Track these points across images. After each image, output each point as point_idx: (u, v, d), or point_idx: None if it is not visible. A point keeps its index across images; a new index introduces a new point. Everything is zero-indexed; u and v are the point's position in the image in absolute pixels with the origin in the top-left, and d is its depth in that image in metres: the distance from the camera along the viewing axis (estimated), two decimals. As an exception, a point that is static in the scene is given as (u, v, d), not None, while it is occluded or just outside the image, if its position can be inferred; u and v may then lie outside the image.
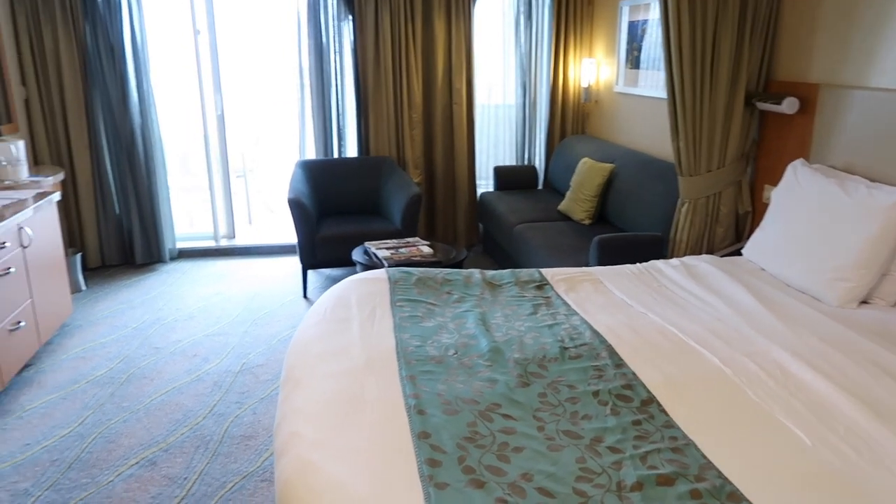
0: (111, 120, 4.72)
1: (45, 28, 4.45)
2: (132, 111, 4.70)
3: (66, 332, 3.82)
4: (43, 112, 4.60)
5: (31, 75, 4.51)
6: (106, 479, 2.52)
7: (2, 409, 3.01)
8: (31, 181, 4.00)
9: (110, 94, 4.65)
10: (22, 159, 3.99)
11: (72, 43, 4.52)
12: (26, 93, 4.55)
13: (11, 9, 4.39)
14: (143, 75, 4.68)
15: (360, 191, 4.87)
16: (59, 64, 4.53)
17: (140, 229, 4.92)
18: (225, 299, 4.35)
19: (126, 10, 4.54)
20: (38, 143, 4.64)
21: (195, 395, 3.13)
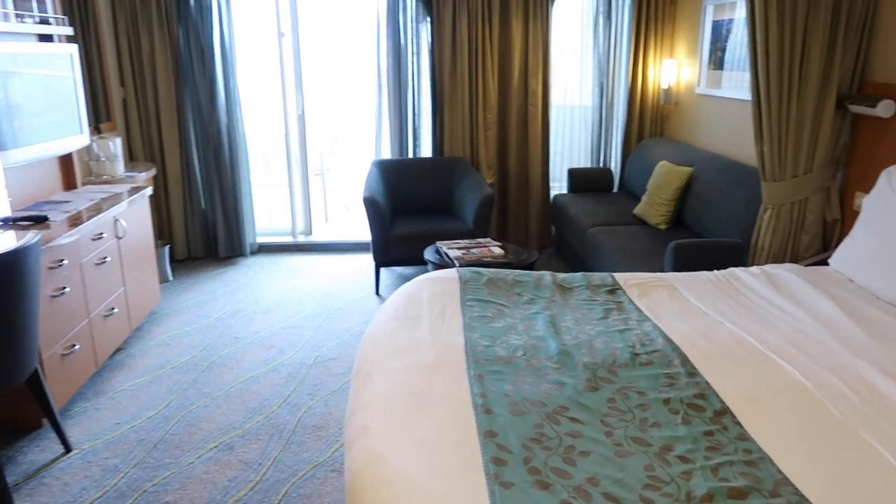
0: (200, 119, 4.95)
1: (142, 32, 4.72)
2: (219, 111, 4.91)
3: (154, 320, 4.04)
4: (138, 111, 4.87)
5: (129, 76, 4.79)
6: (187, 461, 2.65)
7: (95, 389, 3.21)
8: (126, 176, 4.24)
9: (199, 94, 4.88)
10: (119, 155, 4.24)
11: (166, 46, 4.77)
12: (124, 93, 4.83)
13: (113, 15, 4.67)
14: (230, 76, 4.89)
15: (434, 191, 4.92)
16: (154, 66, 4.79)
17: (224, 224, 5.13)
18: (301, 294, 4.49)
19: (216, 14, 4.75)
20: (133, 141, 4.92)
21: (271, 385, 3.24)
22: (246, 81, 5.08)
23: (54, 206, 3.37)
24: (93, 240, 3.21)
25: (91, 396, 3.14)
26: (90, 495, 2.44)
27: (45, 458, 2.67)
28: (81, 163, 4.06)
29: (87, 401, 3.10)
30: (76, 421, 2.93)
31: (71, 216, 3.19)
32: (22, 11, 3.32)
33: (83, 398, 3.12)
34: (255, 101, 5.48)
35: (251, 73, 5.33)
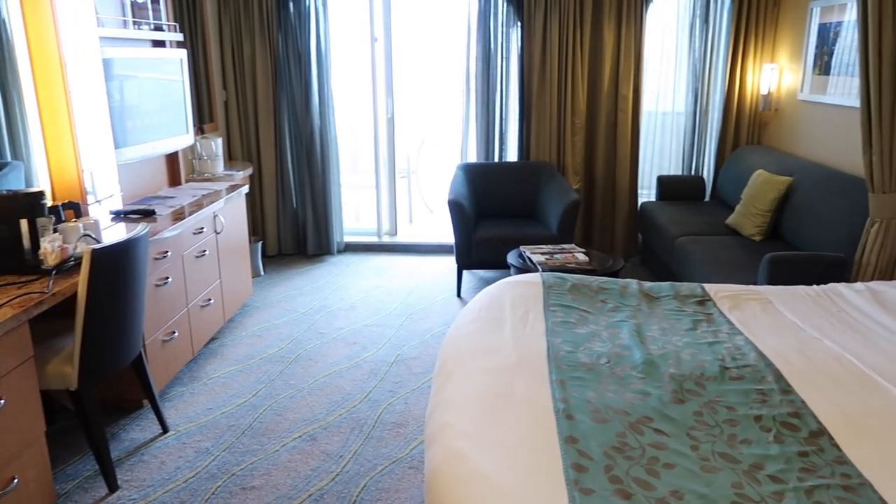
0: (294, 121, 5.14)
1: (245, 38, 4.95)
2: (313, 113, 5.09)
3: (246, 312, 4.22)
4: (238, 113, 5.12)
5: (231, 80, 5.04)
6: (273, 448, 2.76)
7: (191, 375, 3.39)
8: (225, 174, 4.46)
9: (295, 97, 5.07)
10: (219, 155, 4.47)
11: (266, 51, 4.98)
12: (226, 95, 5.08)
13: (219, 22, 4.92)
14: (324, 80, 5.05)
15: (519, 195, 4.91)
16: (255, 70, 5.01)
17: (313, 222, 5.31)
18: (384, 293, 4.58)
19: (314, 21, 4.93)
20: (232, 141, 5.17)
21: (353, 381, 3.33)
22: (338, 85, 5.24)
23: (160, 201, 3.59)
24: (194, 234, 3.40)
25: (187, 382, 3.32)
26: (183, 474, 2.58)
27: (145, 437, 2.84)
28: (185, 161, 4.30)
29: (184, 385, 3.28)
30: (173, 404, 3.11)
31: (175, 211, 3.38)
32: (139, 19, 3.56)
33: (180, 383, 3.30)
34: (347, 103, 5.64)
35: (344, 76, 5.48)
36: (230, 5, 4.90)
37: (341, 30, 5.33)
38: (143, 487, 2.50)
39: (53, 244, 2.42)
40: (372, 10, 5.16)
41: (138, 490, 2.49)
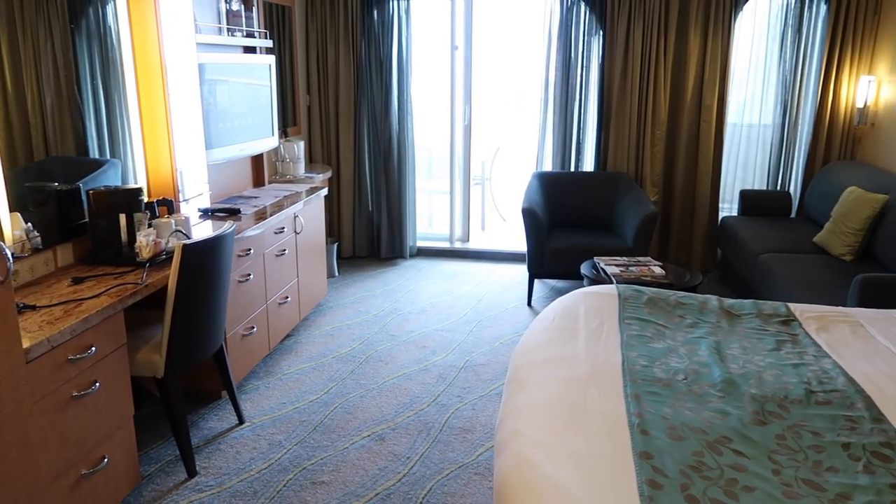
0: (373, 126, 5.25)
1: (329, 45, 5.09)
2: (392, 119, 5.18)
3: (320, 311, 4.33)
4: (320, 117, 5.27)
5: (315, 85, 5.19)
6: (342, 445, 2.81)
7: (267, 370, 3.50)
8: (305, 177, 4.59)
9: (375, 103, 5.18)
10: (301, 158, 4.61)
11: (349, 57, 5.11)
12: (309, 100, 5.24)
13: (306, 29, 5.09)
14: (404, 87, 5.14)
15: (594, 205, 4.85)
16: (338, 76, 5.15)
17: (387, 226, 5.40)
18: (455, 298, 4.60)
19: (396, 29, 5.02)
20: (313, 144, 5.32)
21: (421, 384, 3.36)
22: (417, 91, 5.31)
23: (245, 201, 3.73)
24: (275, 233, 3.51)
25: (262, 376, 3.43)
26: (257, 465, 2.67)
27: (222, 427, 2.95)
28: (269, 163, 4.45)
29: (259, 379, 3.39)
30: (249, 397, 3.22)
31: (258, 210, 3.51)
32: (233, 26, 3.72)
33: (256, 377, 3.42)
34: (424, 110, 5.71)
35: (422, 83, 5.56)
36: (317, 13, 5.05)
37: (422, 37, 5.41)
38: (219, 475, 2.60)
39: (148, 238, 2.56)
40: (453, 18, 5.22)
41: (215, 477, 2.59)
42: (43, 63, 2.47)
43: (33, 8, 2.40)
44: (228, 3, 3.68)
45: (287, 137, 4.77)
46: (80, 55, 2.66)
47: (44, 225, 2.44)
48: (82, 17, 2.66)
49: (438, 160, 6.32)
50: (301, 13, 5.00)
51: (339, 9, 5.02)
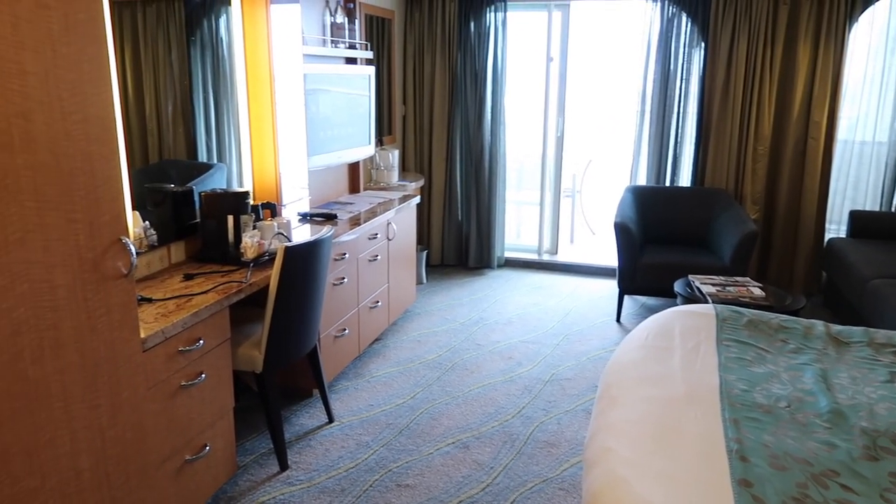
0: (466, 137, 5.30)
1: (426, 56, 5.20)
2: (485, 130, 5.22)
3: (408, 317, 4.40)
4: (415, 127, 5.37)
5: (411, 95, 5.31)
6: (427, 451, 2.85)
7: (356, 372, 3.59)
8: (399, 185, 4.70)
9: (469, 113, 5.24)
10: (395, 166, 4.72)
11: (445, 69, 5.20)
12: (405, 110, 5.36)
13: (404, 40, 5.21)
14: (498, 98, 5.17)
15: (689, 221, 4.70)
16: (433, 86, 5.25)
17: (476, 236, 5.43)
18: (542, 310, 4.57)
19: (492, 41, 5.07)
20: (407, 153, 5.44)
21: (507, 395, 3.36)
22: (510, 102, 5.33)
23: (341, 207, 3.85)
24: (369, 239, 3.61)
25: (352, 377, 3.52)
26: (345, 464, 2.74)
27: (312, 424, 3.05)
28: (364, 170, 4.58)
29: (349, 380, 3.48)
30: (338, 396, 3.31)
31: (353, 216, 3.62)
32: (336, 38, 3.86)
33: (345, 378, 3.51)
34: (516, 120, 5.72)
35: (516, 94, 5.57)
36: (416, 25, 5.17)
37: (517, 49, 5.43)
38: (309, 471, 2.69)
39: (253, 239, 2.69)
40: (550, 30, 5.21)
41: (305, 472, 2.68)
42: (161, 72, 2.65)
43: (154, 20, 2.58)
44: (333, 16, 3.83)
45: (382, 146, 4.90)
46: (194, 65, 2.83)
47: (160, 223, 2.61)
48: (197, 29, 2.84)
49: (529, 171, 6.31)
50: (400, 25, 5.13)
51: (436, 20, 5.11)
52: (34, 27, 1.51)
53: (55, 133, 1.59)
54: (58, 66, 1.58)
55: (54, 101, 1.58)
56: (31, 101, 1.52)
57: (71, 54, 1.62)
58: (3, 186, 1.46)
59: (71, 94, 1.63)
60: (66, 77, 1.61)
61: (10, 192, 1.48)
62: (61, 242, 1.63)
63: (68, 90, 1.62)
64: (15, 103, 1.48)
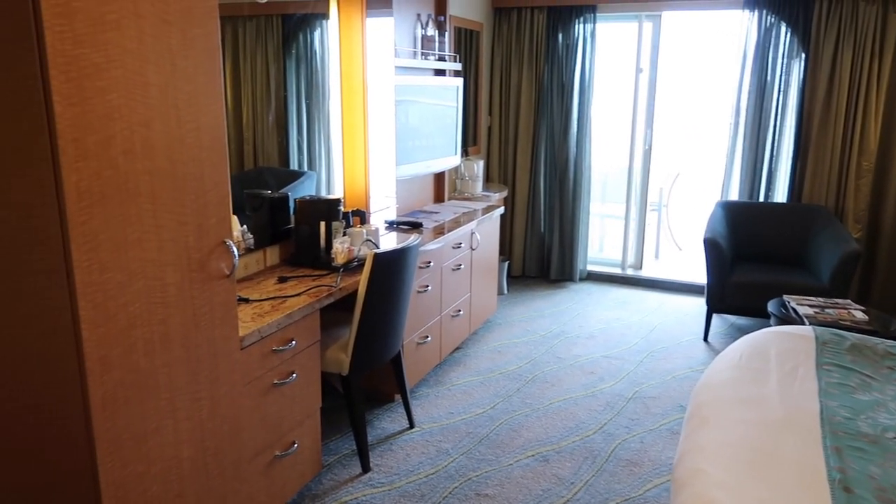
0: (551, 148, 5.28)
1: (513, 68, 5.22)
2: (570, 141, 5.18)
3: (489, 327, 4.41)
4: (500, 138, 5.40)
5: (497, 106, 5.34)
6: (507, 462, 2.84)
7: (436, 379, 3.63)
8: (482, 195, 4.72)
9: (554, 125, 5.21)
10: (479, 176, 4.75)
11: (532, 81, 5.20)
12: (490, 121, 5.39)
13: (492, 52, 5.26)
14: (584, 109, 5.13)
15: (784, 239, 4.50)
16: (519, 98, 5.26)
17: (558, 248, 5.38)
18: (624, 326, 4.48)
19: (580, 52, 5.03)
20: (491, 164, 5.46)
21: (588, 410, 3.31)
22: (597, 114, 5.27)
23: (426, 216, 3.91)
24: (453, 248, 3.65)
25: (433, 384, 3.56)
26: (425, 469, 2.77)
27: (393, 429, 3.10)
28: (449, 180, 4.63)
29: (429, 387, 3.52)
30: (419, 403, 3.35)
31: (437, 225, 3.67)
32: (426, 50, 3.94)
33: (426, 384, 3.55)
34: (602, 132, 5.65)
35: (603, 106, 5.51)
36: (503, 36, 5.20)
37: (605, 60, 5.37)
38: (390, 474, 2.73)
39: (343, 245, 2.77)
40: (640, 40, 5.12)
41: (386, 475, 2.72)
42: (258, 84, 2.78)
43: (254, 34, 2.71)
44: (424, 29, 3.91)
45: (467, 156, 4.94)
46: (289, 77, 2.95)
47: (257, 228, 2.73)
48: (293, 43, 2.96)
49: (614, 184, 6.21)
50: (488, 37, 5.17)
51: (524, 32, 5.13)
52: (157, 42, 1.62)
53: (171, 141, 1.70)
54: (176, 78, 1.69)
55: (171, 111, 1.69)
56: (152, 111, 1.63)
57: (188, 67, 1.73)
58: (124, 189, 1.57)
59: (186, 105, 1.74)
60: (182, 88, 1.72)
61: (130, 195, 1.59)
62: (173, 243, 1.74)
63: (184, 101, 1.73)
64: (138, 112, 1.59)
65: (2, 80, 1.41)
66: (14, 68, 1.39)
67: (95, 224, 1.51)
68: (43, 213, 1.45)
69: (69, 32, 1.40)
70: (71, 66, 1.41)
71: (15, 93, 1.41)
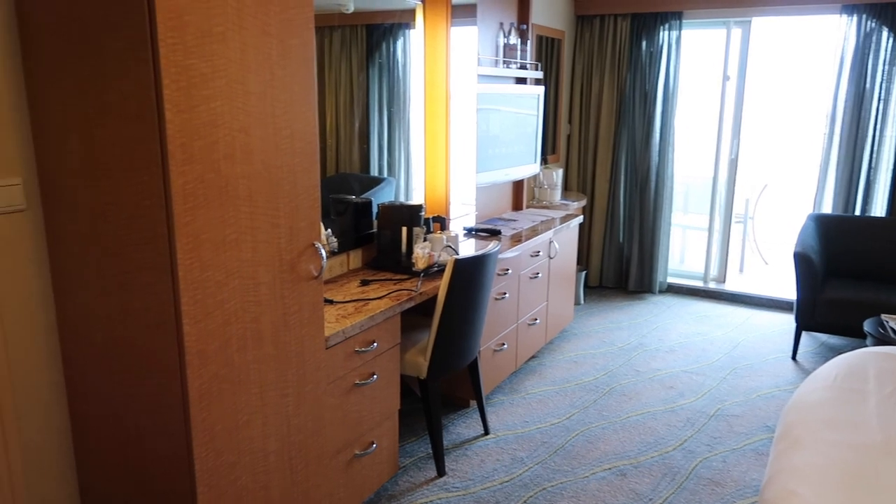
0: (632, 157, 5.19)
1: (594, 76, 5.16)
2: (652, 150, 5.08)
3: (564, 337, 4.36)
4: (579, 146, 5.34)
5: (577, 114, 5.29)
6: (582, 474, 2.80)
7: (511, 387, 3.62)
8: (561, 204, 4.69)
9: (636, 134, 5.12)
10: (558, 185, 4.72)
11: (613, 88, 5.13)
12: (570, 129, 5.35)
13: (573, 60, 5.22)
14: (668, 118, 5.01)
15: (883, 255, 4.26)
16: (600, 106, 5.20)
17: (637, 259, 5.28)
18: (706, 341, 4.34)
19: (664, 59, 4.93)
20: (570, 172, 5.42)
21: (667, 425, 3.22)
22: (681, 122, 5.14)
23: (504, 223, 3.92)
24: (531, 256, 3.64)
25: (507, 392, 3.55)
26: (499, 476, 2.77)
27: (468, 434, 3.11)
28: (528, 188, 4.62)
29: (504, 395, 3.51)
30: (494, 410, 3.35)
31: (515, 233, 3.66)
32: (508, 59, 3.95)
33: (501, 392, 3.55)
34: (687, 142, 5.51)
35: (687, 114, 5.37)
36: (585, 44, 5.16)
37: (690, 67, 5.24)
38: (465, 479, 2.75)
39: (424, 251, 2.81)
40: (728, 47, 4.97)
41: (461, 480, 2.74)
42: (342, 92, 2.85)
43: (339, 44, 2.79)
44: (507, 38, 3.92)
45: (546, 164, 4.92)
46: (371, 86, 3.02)
47: (341, 231, 2.81)
48: (376, 52, 3.03)
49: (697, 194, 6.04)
50: (569, 45, 5.14)
51: (607, 40, 5.07)
52: (258, 52, 1.71)
53: (267, 146, 1.78)
54: (273, 87, 1.77)
55: (268, 118, 1.77)
56: (251, 118, 1.71)
57: (285, 76, 1.80)
58: (225, 192, 1.66)
59: (283, 112, 1.81)
60: (279, 97, 1.79)
61: (230, 198, 1.67)
62: (266, 244, 1.81)
63: (281, 108, 1.80)
64: (239, 119, 1.67)
65: (118, 88, 1.51)
66: (130, 77, 1.49)
67: (198, 225, 1.59)
68: (152, 213, 1.55)
69: (180, 44, 1.49)
70: (181, 76, 1.50)
71: (129, 100, 1.51)
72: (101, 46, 1.52)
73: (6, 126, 1.69)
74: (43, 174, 1.74)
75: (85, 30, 1.53)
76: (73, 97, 1.60)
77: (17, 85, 1.69)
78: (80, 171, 1.65)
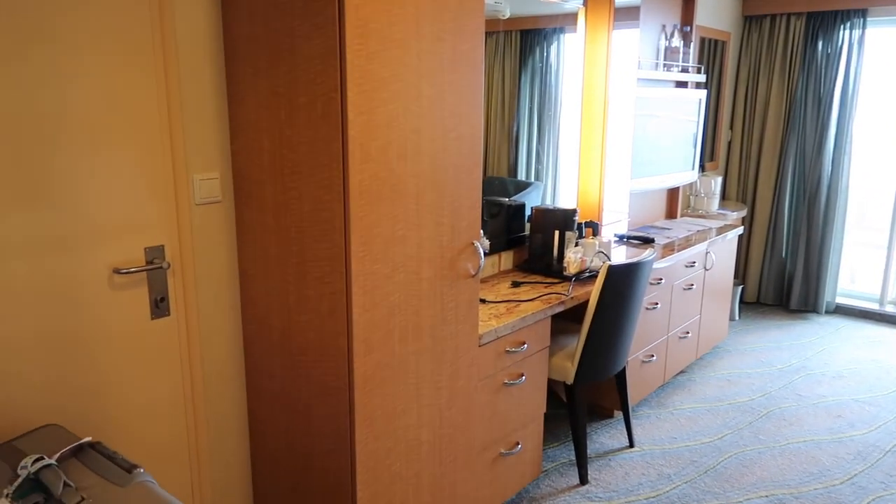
0: (801, 166, 4.83)
1: (761, 79, 4.86)
2: (824, 159, 4.70)
3: (717, 353, 4.14)
4: (740, 153, 5.05)
5: (739, 120, 5.01)
6: (735, 498, 2.65)
7: (658, 401, 3.49)
8: (718, 213, 4.46)
9: (806, 141, 4.76)
10: (716, 193, 4.49)
11: (782, 93, 4.80)
12: (731, 136, 5.08)
13: (738, 62, 4.95)
14: (844, 124, 4.62)
15: None
16: (766, 111, 4.88)
17: (802, 276, 4.90)
18: (881, 369, 3.95)
19: (843, 61, 4.55)
20: (729, 180, 5.14)
21: (833, 456, 2.97)
22: (859, 130, 4.71)
23: (658, 231, 3.79)
24: (685, 266, 3.49)
25: (654, 406, 3.43)
26: (644, 492, 2.69)
27: (612, 445, 3.05)
28: (683, 196, 4.44)
29: (651, 408, 3.40)
30: (639, 423, 3.26)
31: (668, 242, 3.54)
32: (669, 62, 3.83)
33: (647, 405, 3.44)
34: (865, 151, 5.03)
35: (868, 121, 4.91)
36: (752, 46, 4.87)
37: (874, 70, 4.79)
38: (608, 490, 2.69)
39: (576, 255, 2.79)
40: (921, 46, 4.50)
41: (604, 491, 2.69)
42: (493, 97, 2.89)
43: (493, 49, 2.83)
44: (669, 40, 3.80)
45: (704, 172, 4.70)
46: (523, 90, 3.04)
47: (494, 233, 2.85)
48: (529, 57, 3.04)
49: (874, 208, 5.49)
50: (735, 46, 4.88)
51: (777, 41, 4.75)
52: (432, 57, 1.78)
53: (436, 148, 1.85)
54: (444, 91, 1.84)
55: (437, 121, 1.84)
56: (423, 120, 1.79)
57: (455, 80, 1.87)
58: (396, 190, 1.75)
59: (451, 115, 1.88)
60: (449, 100, 1.86)
61: (400, 195, 1.76)
62: (430, 241, 1.89)
63: (450, 111, 1.87)
64: (412, 122, 1.76)
65: (308, 92, 1.64)
66: (319, 82, 1.61)
67: (371, 220, 1.69)
68: (331, 206, 1.67)
69: (364, 50, 1.60)
70: (364, 80, 1.61)
71: (316, 102, 1.63)
72: (295, 54, 1.65)
73: (210, 126, 1.88)
74: (237, 170, 1.92)
75: (279, 39, 1.68)
76: (267, 99, 1.76)
77: (221, 90, 1.89)
78: (269, 167, 1.81)
